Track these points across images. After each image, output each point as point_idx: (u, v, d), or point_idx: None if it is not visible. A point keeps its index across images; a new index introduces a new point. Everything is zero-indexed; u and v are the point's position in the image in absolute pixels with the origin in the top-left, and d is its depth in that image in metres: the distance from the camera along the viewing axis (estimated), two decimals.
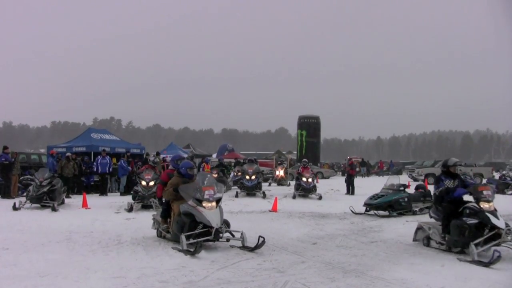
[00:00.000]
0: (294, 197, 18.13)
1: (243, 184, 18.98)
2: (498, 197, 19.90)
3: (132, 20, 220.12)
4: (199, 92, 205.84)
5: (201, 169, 21.83)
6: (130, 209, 13.42)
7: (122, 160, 19.57)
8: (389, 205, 13.28)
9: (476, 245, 7.34)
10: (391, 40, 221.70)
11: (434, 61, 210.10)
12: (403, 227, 11.09)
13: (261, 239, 7.87)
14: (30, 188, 14.29)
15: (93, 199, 15.84)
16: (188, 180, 8.82)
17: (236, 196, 18.39)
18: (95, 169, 19.43)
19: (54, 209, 13.21)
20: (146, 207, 14.67)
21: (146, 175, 14.43)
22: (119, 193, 19.41)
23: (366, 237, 9.65)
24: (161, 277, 6.25)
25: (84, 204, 14.23)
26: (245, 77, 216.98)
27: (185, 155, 21.84)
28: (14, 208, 13.28)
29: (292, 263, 7.15)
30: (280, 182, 26.20)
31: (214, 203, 8.12)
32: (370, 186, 22.56)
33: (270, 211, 13.95)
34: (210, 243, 8.30)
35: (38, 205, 13.84)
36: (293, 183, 25.77)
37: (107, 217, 12.24)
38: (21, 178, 18.61)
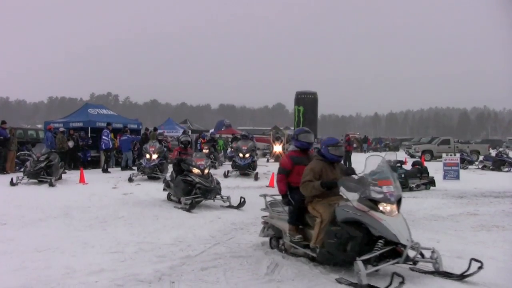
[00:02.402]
0: None
1: (236, 163, 17.25)
2: (495, 174, 20.10)
3: None
4: (197, 67, 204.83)
5: (198, 145, 21.76)
6: (191, 207, 9.88)
7: (127, 136, 19.41)
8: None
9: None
10: (388, 18, 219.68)
11: (432, 38, 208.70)
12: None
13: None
14: (27, 163, 14.27)
15: (91, 175, 15.84)
16: (337, 169, 5.98)
17: (226, 175, 16.55)
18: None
19: (51, 185, 13.22)
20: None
21: (198, 160, 10.79)
22: (119, 168, 19.31)
23: None
24: (159, 252, 6.29)
25: (82, 180, 14.22)
26: (243, 53, 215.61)
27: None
28: (12, 183, 13.27)
29: None
30: (278, 158, 26.19)
31: (395, 206, 5.25)
32: None
33: (267, 186, 13.98)
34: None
35: (36, 180, 13.83)
36: None
37: (104, 192, 12.26)
38: (18, 153, 18.56)
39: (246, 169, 16.93)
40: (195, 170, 10.46)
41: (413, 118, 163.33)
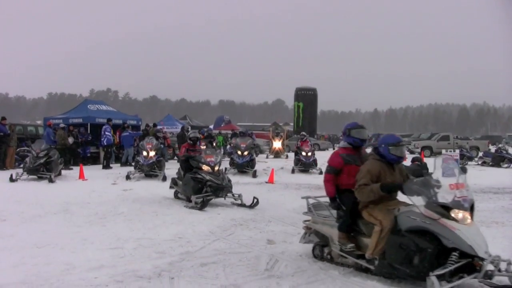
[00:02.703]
0: (293, 171, 17.40)
1: (233, 160, 16.94)
2: (494, 170, 20.10)
3: None
4: (197, 64, 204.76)
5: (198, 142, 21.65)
6: (203, 206, 9.36)
7: (129, 132, 19.40)
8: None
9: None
10: (387, 15, 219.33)
11: (432, 34, 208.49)
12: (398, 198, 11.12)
13: None
14: (27, 159, 14.26)
15: (90, 171, 15.84)
16: (397, 170, 5.30)
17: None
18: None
19: (51, 181, 13.21)
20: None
21: (208, 156, 10.26)
22: (119, 164, 19.29)
23: None
24: (158, 248, 6.29)
25: (81, 176, 14.22)
26: (242, 49, 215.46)
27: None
28: (11, 179, 13.26)
29: (289, 235, 7.20)
30: (277, 154, 26.18)
31: (468, 212, 4.62)
32: None
33: (266, 182, 14.00)
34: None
35: (35, 176, 13.83)
36: (289, 154, 25.84)
37: (104, 188, 12.24)
38: (17, 149, 18.54)
39: (244, 168, 16.53)
40: (205, 167, 10.02)
41: (412, 114, 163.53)
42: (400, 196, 5.14)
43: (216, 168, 10.13)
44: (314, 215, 5.99)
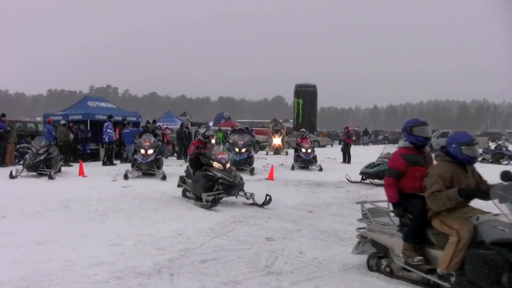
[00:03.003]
0: (292, 168, 17.38)
1: None
2: (494, 167, 20.10)
3: None
4: (196, 60, 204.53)
5: (197, 138, 21.64)
6: (213, 204, 9.07)
7: (129, 128, 19.38)
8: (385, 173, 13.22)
9: None
10: (388, 12, 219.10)
11: (432, 31, 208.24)
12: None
13: None
14: (27, 156, 14.25)
15: (90, 168, 15.83)
16: (469, 172, 4.70)
17: None
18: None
19: (50, 177, 13.20)
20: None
21: (219, 154, 9.94)
22: (119, 161, 19.28)
23: None
24: (158, 244, 6.29)
25: (81, 172, 14.21)
26: (242, 46, 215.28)
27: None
28: (11, 176, 13.26)
29: (288, 231, 7.20)
30: (277, 150, 26.17)
31: None
32: (366, 154, 22.61)
33: (266, 179, 13.99)
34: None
35: (35, 173, 13.81)
36: (289, 151, 25.85)
37: (103, 185, 12.25)
38: (17, 146, 18.54)
39: (242, 165, 16.09)
40: (216, 164, 9.62)
41: (412, 111, 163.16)
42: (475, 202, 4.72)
43: (228, 165, 9.76)
44: (371, 223, 5.27)
